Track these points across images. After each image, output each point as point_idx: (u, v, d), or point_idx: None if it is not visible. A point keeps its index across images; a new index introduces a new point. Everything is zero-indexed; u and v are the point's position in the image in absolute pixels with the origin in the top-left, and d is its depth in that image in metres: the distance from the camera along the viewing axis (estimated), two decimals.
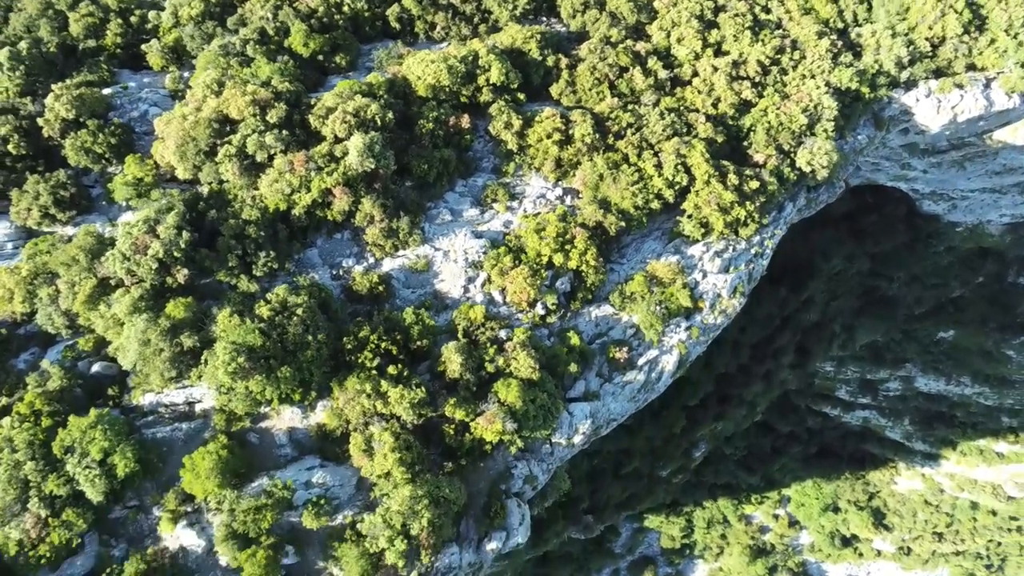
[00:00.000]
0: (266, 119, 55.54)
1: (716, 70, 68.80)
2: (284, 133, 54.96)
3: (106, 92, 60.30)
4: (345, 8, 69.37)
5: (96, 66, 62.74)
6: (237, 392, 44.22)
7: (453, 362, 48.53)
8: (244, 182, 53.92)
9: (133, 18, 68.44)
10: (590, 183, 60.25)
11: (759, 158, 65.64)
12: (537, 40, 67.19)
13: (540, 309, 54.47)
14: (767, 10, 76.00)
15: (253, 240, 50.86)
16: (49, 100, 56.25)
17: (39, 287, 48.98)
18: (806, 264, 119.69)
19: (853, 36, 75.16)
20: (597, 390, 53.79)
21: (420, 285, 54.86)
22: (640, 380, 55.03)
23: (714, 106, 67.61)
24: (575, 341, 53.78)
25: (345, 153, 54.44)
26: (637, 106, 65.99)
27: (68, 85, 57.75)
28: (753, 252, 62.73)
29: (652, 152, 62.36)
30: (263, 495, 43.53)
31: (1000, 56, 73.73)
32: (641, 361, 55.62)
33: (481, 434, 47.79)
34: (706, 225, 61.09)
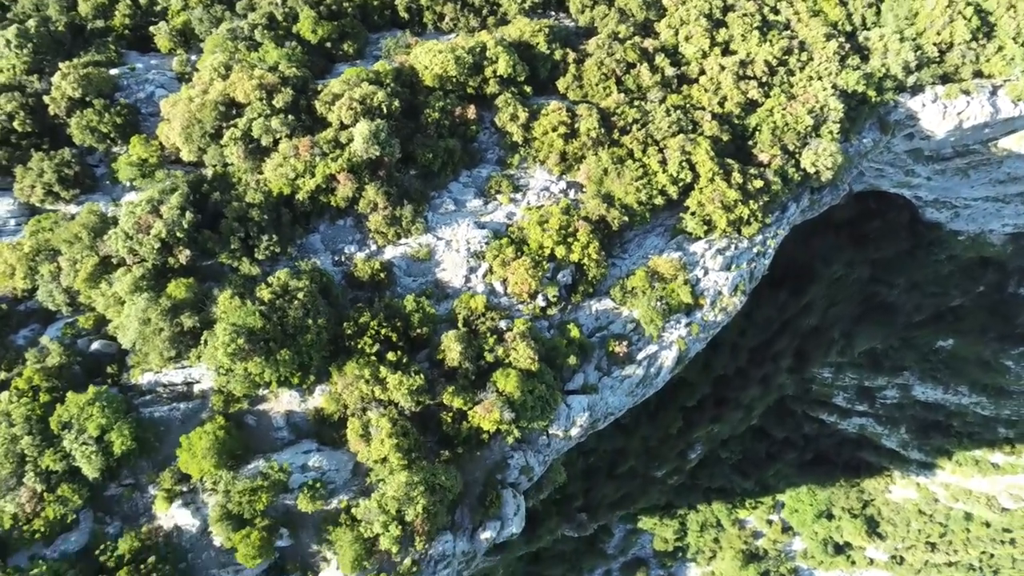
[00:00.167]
0: (272, 104, 55.51)
1: (723, 69, 68.79)
2: (290, 118, 54.94)
3: (113, 72, 60.17)
4: None
5: (104, 46, 62.65)
6: (236, 373, 44.13)
7: (452, 350, 48.50)
8: (249, 165, 53.89)
9: (142, 0, 68.38)
10: (594, 177, 60.26)
11: (764, 158, 65.62)
12: (545, 34, 67.15)
13: (541, 301, 54.46)
14: (776, 11, 75.99)
15: (256, 223, 50.82)
16: (56, 78, 56.16)
17: (41, 264, 48.91)
18: (807, 268, 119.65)
19: (861, 39, 75.13)
20: (596, 383, 53.74)
21: (421, 273, 54.84)
22: (639, 375, 55.02)
23: (720, 105, 67.62)
24: (575, 334, 53.80)
25: (350, 140, 54.45)
26: (643, 102, 65.98)
27: (75, 64, 57.60)
28: (755, 251, 62.72)
29: (657, 148, 62.37)
30: (259, 477, 43.47)
31: (1007, 64, 73.70)
32: (640, 356, 55.60)
33: (478, 423, 47.80)
34: (709, 222, 61.10)
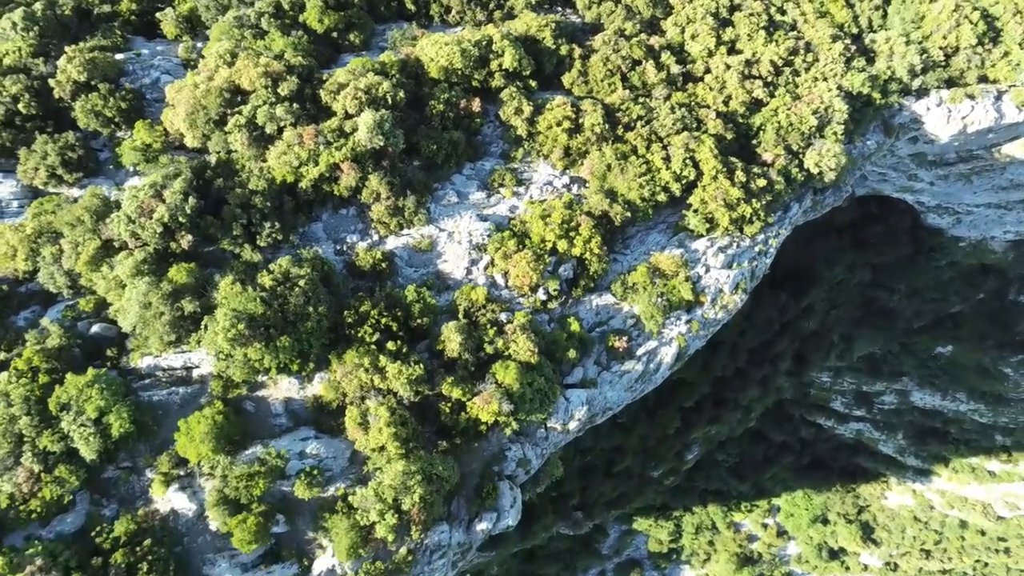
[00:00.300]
0: (277, 91, 55.53)
1: (729, 68, 68.78)
2: (295, 106, 54.97)
3: (119, 57, 60.19)
4: None
5: (110, 31, 62.64)
6: (236, 359, 44.09)
7: (452, 341, 48.51)
8: (252, 153, 53.89)
9: None
10: (598, 172, 60.24)
11: (767, 157, 65.59)
12: (552, 29, 67.13)
13: (542, 294, 54.44)
14: (782, 11, 75.97)
15: (259, 210, 50.81)
16: (62, 62, 56.18)
17: (43, 246, 48.91)
18: (808, 271, 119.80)
19: (867, 42, 75.09)
20: (595, 378, 53.74)
21: (423, 264, 54.83)
22: (638, 370, 55.00)
23: (725, 103, 67.60)
24: (575, 328, 53.80)
25: (355, 129, 54.45)
26: (648, 99, 65.96)
27: (81, 48, 57.65)
28: (757, 250, 62.69)
29: (661, 145, 62.35)
30: (256, 463, 43.48)
31: (1013, 69, 73.63)
32: (640, 351, 55.59)
33: (477, 414, 47.82)
34: (711, 220, 61.07)
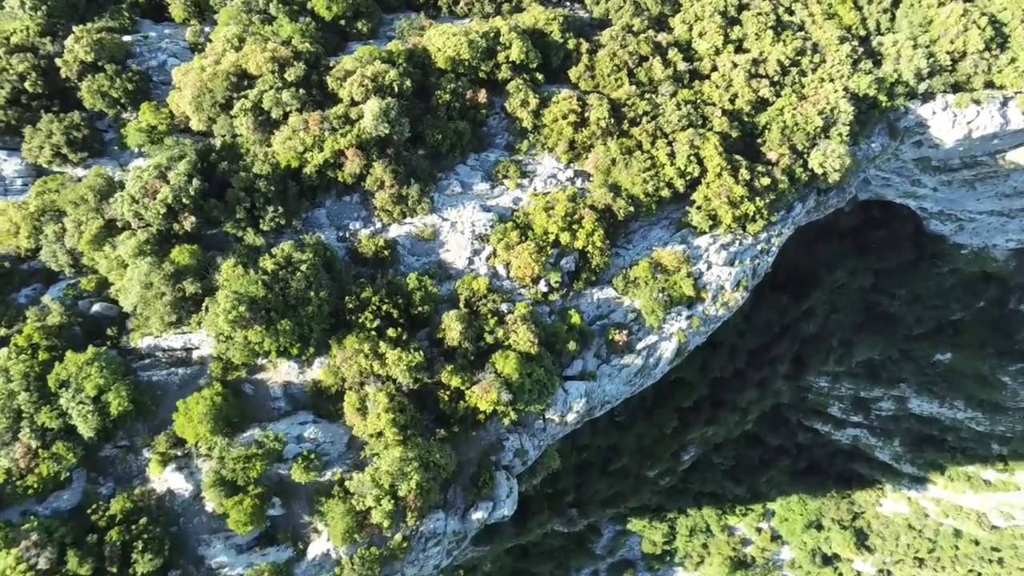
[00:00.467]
0: (284, 77, 55.44)
1: (735, 66, 68.72)
2: (301, 92, 54.87)
3: (126, 39, 60.02)
4: None
5: (118, 13, 62.45)
6: (236, 341, 44.22)
7: (453, 330, 48.55)
8: (257, 137, 53.86)
9: None
10: (602, 167, 60.24)
11: (772, 156, 65.61)
12: (559, 23, 67.08)
13: (543, 286, 54.46)
14: (791, 12, 75.96)
15: (262, 194, 50.82)
16: (69, 41, 56.10)
17: (46, 224, 48.96)
18: (809, 274, 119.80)
19: (874, 44, 75.09)
20: (594, 371, 53.77)
21: (425, 253, 54.84)
22: (637, 364, 55.04)
23: (731, 101, 67.56)
24: (576, 320, 53.84)
25: (360, 116, 54.38)
26: (654, 95, 65.93)
27: (89, 29, 57.48)
28: (759, 248, 62.70)
29: (666, 141, 62.33)
30: (254, 445, 43.56)
31: (1020, 75, 73.57)
32: (640, 346, 55.63)
33: (475, 403, 47.88)
34: (714, 217, 61.06)
